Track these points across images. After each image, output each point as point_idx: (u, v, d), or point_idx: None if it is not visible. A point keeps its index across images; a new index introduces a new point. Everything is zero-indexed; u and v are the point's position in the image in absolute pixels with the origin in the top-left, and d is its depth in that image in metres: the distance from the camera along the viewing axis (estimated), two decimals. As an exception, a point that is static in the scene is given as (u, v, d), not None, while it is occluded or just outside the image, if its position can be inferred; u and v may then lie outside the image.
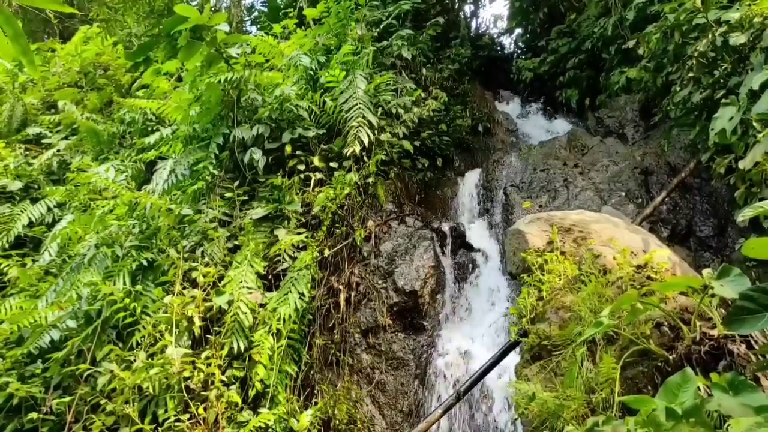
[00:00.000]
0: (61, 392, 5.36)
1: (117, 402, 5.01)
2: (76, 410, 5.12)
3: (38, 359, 5.64)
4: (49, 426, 5.16)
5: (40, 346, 5.62)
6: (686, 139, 6.78)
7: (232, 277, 5.70)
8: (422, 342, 5.82)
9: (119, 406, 4.99)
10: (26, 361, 5.62)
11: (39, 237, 7.70)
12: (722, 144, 4.71)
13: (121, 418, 5.04)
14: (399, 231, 6.60)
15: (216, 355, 5.23)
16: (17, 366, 5.53)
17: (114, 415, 5.03)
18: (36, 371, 5.48)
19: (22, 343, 5.69)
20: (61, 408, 5.17)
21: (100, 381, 5.10)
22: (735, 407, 1.98)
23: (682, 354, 2.73)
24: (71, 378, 5.37)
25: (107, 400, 5.05)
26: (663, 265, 3.67)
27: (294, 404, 5.36)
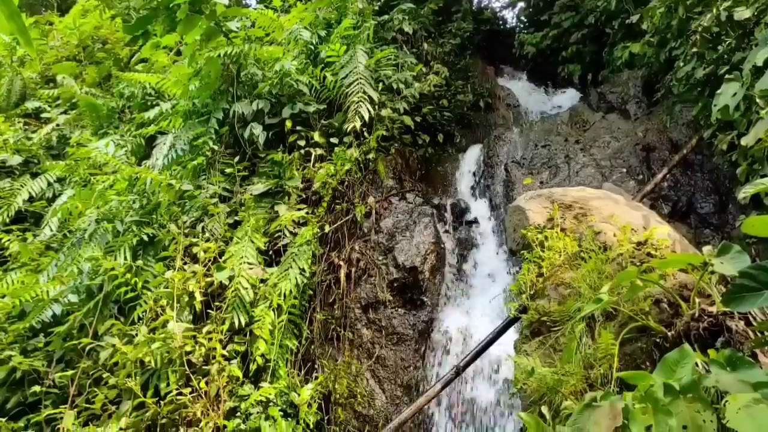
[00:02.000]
0: (64, 366, 5.41)
1: (119, 375, 5.05)
2: (78, 383, 5.17)
3: (40, 333, 5.67)
4: (52, 399, 5.21)
5: (42, 320, 5.66)
6: (689, 116, 6.74)
7: (232, 253, 5.71)
8: (422, 317, 5.84)
9: (121, 379, 5.03)
10: (28, 335, 5.66)
11: (39, 212, 7.70)
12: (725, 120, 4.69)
13: (124, 392, 5.09)
14: (399, 207, 6.59)
15: (217, 330, 5.26)
16: (20, 340, 5.57)
17: (116, 389, 5.08)
18: (38, 345, 5.52)
19: (24, 317, 5.73)
20: (64, 381, 5.22)
21: (102, 355, 5.14)
22: (732, 383, 1.99)
23: (680, 330, 2.75)
24: (73, 352, 5.41)
25: (109, 373, 5.09)
26: (663, 242, 3.67)
27: (295, 378, 5.40)
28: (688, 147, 6.52)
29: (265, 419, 4.90)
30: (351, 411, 5.32)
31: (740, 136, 4.93)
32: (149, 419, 4.89)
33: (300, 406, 5.12)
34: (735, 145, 5.06)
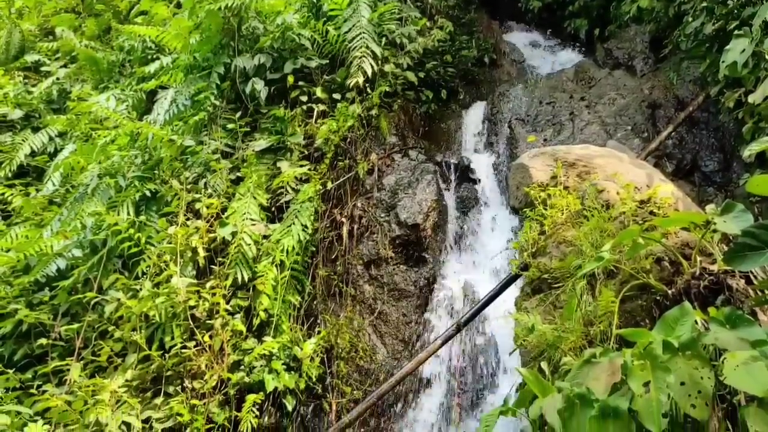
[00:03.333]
0: (69, 319, 5.48)
1: (124, 329, 5.12)
2: (84, 336, 5.25)
3: (45, 287, 5.73)
4: (59, 351, 5.29)
5: (46, 274, 5.70)
6: (696, 72, 6.65)
7: (235, 209, 5.72)
8: (424, 274, 5.88)
9: (127, 333, 5.10)
10: (34, 289, 5.71)
11: (41, 166, 7.69)
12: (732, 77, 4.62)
13: (129, 345, 5.16)
14: (402, 164, 6.57)
15: (220, 285, 5.30)
16: (25, 293, 5.62)
17: (121, 342, 5.15)
18: (44, 299, 5.58)
19: (29, 271, 5.77)
20: (70, 334, 5.29)
21: (107, 309, 5.20)
22: (731, 341, 2.01)
23: (681, 288, 2.76)
24: (78, 306, 5.47)
25: (114, 327, 5.16)
26: (666, 200, 3.66)
27: (297, 333, 5.47)
28: (695, 104, 6.44)
29: (268, 372, 4.98)
30: (353, 365, 5.40)
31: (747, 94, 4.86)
32: (154, 372, 4.98)
33: (303, 360, 5.20)
34: (742, 103, 5.01)
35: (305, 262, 5.87)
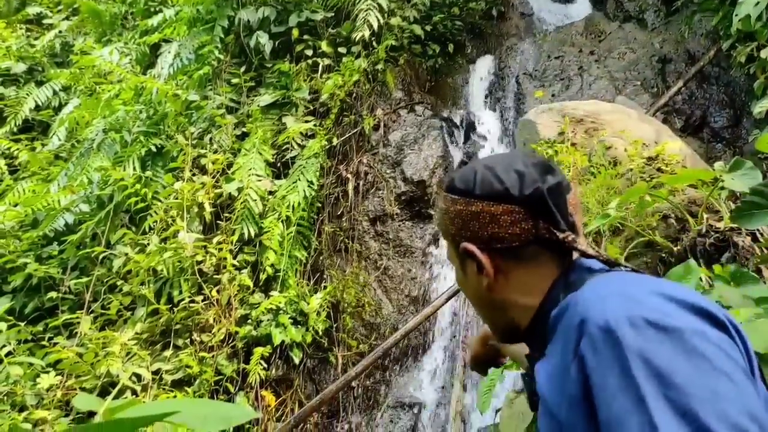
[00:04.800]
0: (78, 273, 5.54)
1: (133, 283, 5.18)
2: (93, 290, 5.31)
3: (54, 241, 5.78)
4: (69, 305, 5.37)
5: (54, 228, 5.75)
6: (708, 26, 6.51)
7: (241, 165, 5.71)
8: (429, 230, 5.89)
9: (135, 287, 5.16)
10: (42, 243, 5.77)
11: (46, 121, 7.67)
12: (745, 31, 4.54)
13: (138, 298, 5.23)
14: (408, 120, 6.51)
15: (227, 241, 5.34)
16: (34, 248, 5.68)
17: (130, 296, 5.22)
18: (52, 253, 5.64)
19: (37, 225, 5.82)
20: (79, 288, 5.36)
21: (115, 263, 5.26)
22: (736, 298, 2.02)
23: (686, 246, 2.77)
24: (87, 260, 5.53)
25: (123, 281, 5.23)
26: (674, 157, 3.64)
27: (304, 288, 5.53)
28: (706, 59, 6.33)
29: (275, 326, 5.06)
30: (359, 319, 5.47)
31: (760, 48, 4.78)
32: (163, 325, 5.06)
33: (309, 314, 5.26)
34: (754, 58, 4.92)
35: (311, 218, 5.89)
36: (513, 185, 1.08)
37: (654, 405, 0.76)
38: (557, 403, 0.93)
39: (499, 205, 1.09)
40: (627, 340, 0.81)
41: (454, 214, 1.15)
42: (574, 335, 0.89)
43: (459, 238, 1.15)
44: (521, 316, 1.15)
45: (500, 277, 1.13)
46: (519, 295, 1.13)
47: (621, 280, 0.99)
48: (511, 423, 2.40)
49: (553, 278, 1.11)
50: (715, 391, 0.76)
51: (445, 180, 1.20)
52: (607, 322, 0.84)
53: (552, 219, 1.08)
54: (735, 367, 0.79)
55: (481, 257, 1.11)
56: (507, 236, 1.09)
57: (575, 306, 0.94)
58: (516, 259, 1.11)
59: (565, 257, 1.12)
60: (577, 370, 0.87)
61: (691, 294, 0.90)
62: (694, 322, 0.83)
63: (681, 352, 0.79)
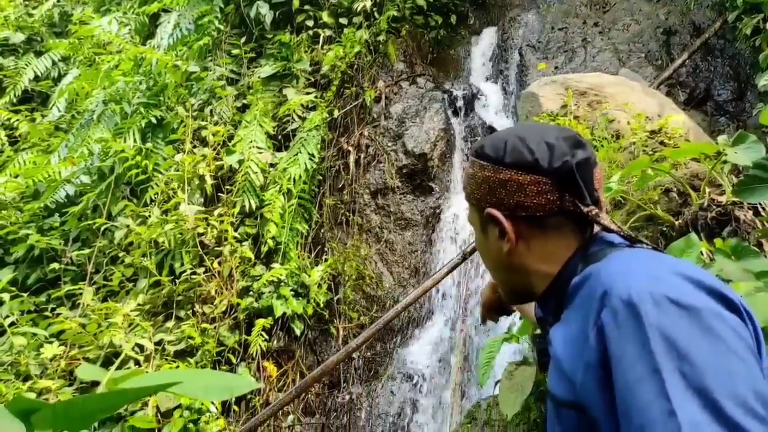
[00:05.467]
0: (80, 245, 5.56)
1: (135, 255, 5.20)
2: (95, 262, 5.34)
3: (55, 213, 5.79)
4: (71, 276, 5.40)
5: (55, 200, 5.75)
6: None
7: (241, 137, 5.69)
8: (430, 204, 5.89)
9: (137, 258, 5.18)
10: (44, 215, 5.77)
11: (46, 91, 7.62)
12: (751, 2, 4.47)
13: (140, 270, 5.26)
14: (410, 92, 6.47)
15: (228, 213, 5.34)
16: (35, 219, 5.69)
17: (132, 267, 5.25)
18: (54, 224, 5.65)
19: (38, 197, 5.82)
20: (81, 260, 5.39)
21: (117, 235, 5.27)
22: (736, 272, 2.03)
23: (688, 219, 2.76)
24: (89, 231, 5.54)
25: (125, 253, 5.25)
26: (677, 130, 3.62)
27: (305, 260, 5.55)
28: (711, 30, 6.26)
29: (276, 298, 5.09)
30: (360, 291, 5.50)
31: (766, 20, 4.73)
32: (165, 296, 5.09)
33: (310, 287, 5.29)
34: (760, 30, 4.87)
35: (312, 190, 5.89)
36: (543, 157, 1.11)
37: (668, 377, 0.80)
38: (573, 366, 0.97)
39: (528, 175, 1.12)
40: (648, 316, 0.85)
41: (481, 179, 1.18)
42: (596, 305, 0.93)
43: (484, 203, 1.19)
44: (538, 282, 1.19)
45: (521, 244, 1.17)
46: (538, 262, 1.17)
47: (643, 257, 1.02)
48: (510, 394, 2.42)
49: (573, 249, 1.15)
50: (728, 370, 0.79)
51: (475, 145, 1.23)
52: (630, 296, 0.88)
53: (578, 193, 1.11)
54: (746, 349, 0.83)
55: (505, 223, 1.15)
56: (532, 205, 1.12)
57: (598, 277, 0.98)
58: (538, 228, 1.15)
59: (586, 230, 1.16)
60: (596, 338, 0.91)
61: (708, 276, 0.94)
62: (712, 304, 0.87)
63: (698, 330, 0.83)
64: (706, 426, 0.75)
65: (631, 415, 0.82)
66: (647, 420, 0.80)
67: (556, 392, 1.03)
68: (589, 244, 1.14)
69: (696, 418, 0.76)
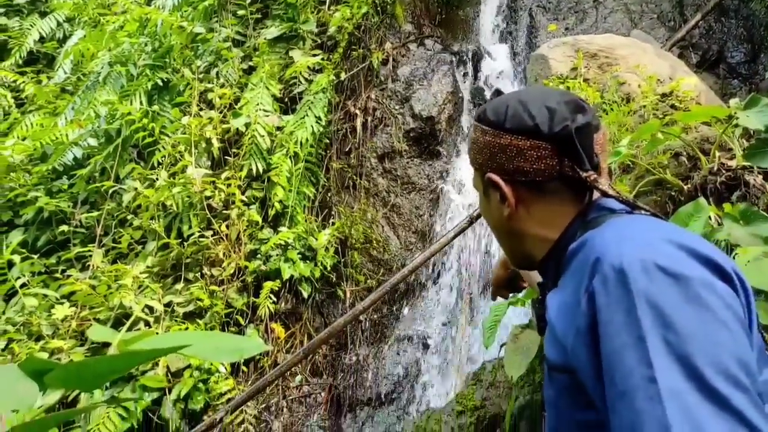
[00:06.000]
0: (89, 207, 5.59)
1: (143, 218, 5.23)
2: (104, 224, 5.37)
3: (63, 176, 5.80)
4: (80, 238, 5.44)
5: (63, 163, 5.76)
6: (730, -43, 6.28)
7: (248, 99, 5.65)
8: (437, 168, 5.87)
9: (145, 221, 5.21)
10: (52, 177, 5.79)
11: (51, 53, 7.57)
12: (770, -38, 4.36)
13: (148, 233, 5.29)
14: (417, 54, 6.39)
15: (235, 176, 5.34)
16: (44, 182, 5.71)
17: (141, 230, 5.28)
18: (62, 187, 5.67)
19: (46, 159, 5.83)
20: (90, 222, 5.42)
21: (125, 198, 5.29)
22: (744, 236, 2.02)
23: (697, 184, 2.74)
24: (97, 194, 5.57)
25: (133, 215, 5.27)
26: (689, 93, 3.57)
27: (312, 224, 5.56)
28: (726, -8, 6.12)
29: (284, 261, 5.12)
30: (366, 255, 5.53)
31: (784, -19, 4.62)
32: (174, 259, 5.13)
33: (317, 250, 5.32)
34: (777, -10, 4.76)
35: (319, 154, 5.87)
36: (543, 122, 1.10)
37: (652, 345, 0.81)
38: (565, 331, 0.98)
39: (527, 140, 1.12)
40: (637, 283, 0.85)
41: (482, 144, 1.19)
42: (588, 272, 0.94)
43: (485, 168, 1.20)
44: (538, 247, 1.20)
45: (521, 209, 1.18)
46: (538, 227, 1.18)
47: (639, 223, 1.03)
48: (515, 357, 2.45)
49: (572, 215, 1.15)
50: (712, 340, 0.80)
51: (478, 110, 1.23)
52: (621, 263, 0.88)
53: (577, 158, 1.10)
54: (734, 319, 0.83)
55: (505, 188, 1.16)
56: (531, 171, 1.12)
57: (593, 244, 0.98)
58: (538, 193, 1.16)
59: (585, 195, 1.16)
60: (586, 304, 0.92)
61: (703, 244, 0.94)
62: (703, 273, 0.87)
63: (686, 299, 0.83)
64: (686, 394, 0.76)
65: (615, 380, 0.83)
66: (629, 386, 0.81)
67: (550, 356, 1.05)
68: (588, 210, 1.14)
69: (677, 386, 0.77)
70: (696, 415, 0.75)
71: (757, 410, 0.76)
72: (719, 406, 0.75)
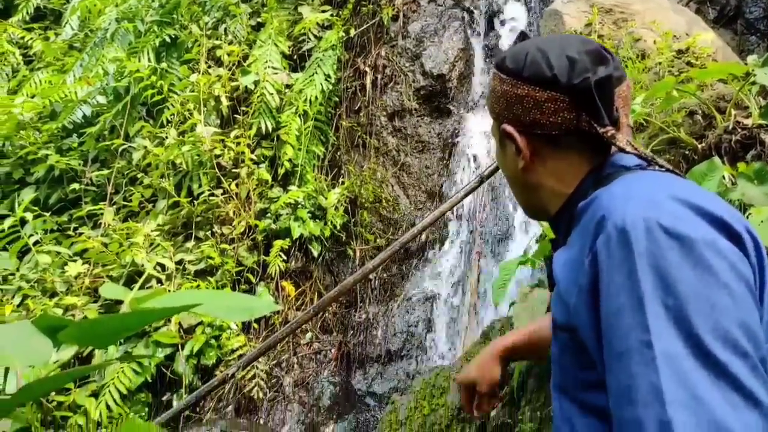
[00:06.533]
0: (99, 165, 5.60)
1: (153, 176, 5.24)
2: (115, 182, 5.39)
3: (73, 133, 5.80)
4: (92, 196, 5.47)
5: (73, 120, 5.75)
6: None
7: (256, 57, 5.59)
8: (448, 126, 5.82)
9: (155, 180, 5.22)
10: (62, 135, 5.79)
11: (58, 9, 7.49)
12: None
13: (159, 191, 5.31)
14: (428, 10, 6.27)
15: (245, 135, 5.32)
16: (54, 140, 5.71)
17: (151, 188, 5.30)
18: (72, 145, 5.67)
19: (56, 117, 5.82)
20: (101, 180, 5.44)
21: (135, 156, 5.29)
22: (758, 196, 2.00)
23: (711, 143, 2.71)
24: (107, 152, 5.57)
25: (143, 174, 5.28)
26: (705, 50, 3.50)
27: (322, 183, 5.56)
28: (747, -55, 5.94)
29: (294, 220, 5.13)
30: (376, 214, 5.53)
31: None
32: (184, 217, 5.16)
33: (327, 209, 5.32)
34: (800, -57, 4.61)
35: (328, 112, 5.83)
36: (562, 73, 1.06)
37: (650, 308, 0.80)
38: (568, 290, 0.97)
39: (545, 92, 1.08)
40: (639, 244, 0.84)
41: (500, 93, 1.16)
42: (593, 230, 0.92)
43: (501, 118, 1.16)
44: (551, 202, 1.18)
45: (536, 161, 1.15)
46: (552, 180, 1.15)
47: (649, 180, 1.00)
48: (524, 315, 2.46)
49: (586, 170, 1.12)
50: (714, 304, 0.78)
51: (497, 56, 1.20)
52: (624, 223, 0.87)
53: (595, 112, 1.06)
54: (738, 282, 0.81)
55: (520, 141, 1.13)
56: (548, 124, 1.09)
57: (600, 201, 0.96)
58: (554, 147, 1.13)
59: (602, 151, 1.12)
60: (589, 264, 0.91)
61: (713, 202, 0.91)
62: (709, 233, 0.84)
63: (688, 261, 0.81)
64: (682, 358, 0.75)
65: (613, 342, 0.83)
66: (626, 348, 0.80)
67: (554, 314, 1.05)
68: (603, 166, 1.11)
69: (672, 350, 0.76)
70: (691, 380, 0.74)
71: (756, 377, 0.75)
72: (715, 373, 0.74)
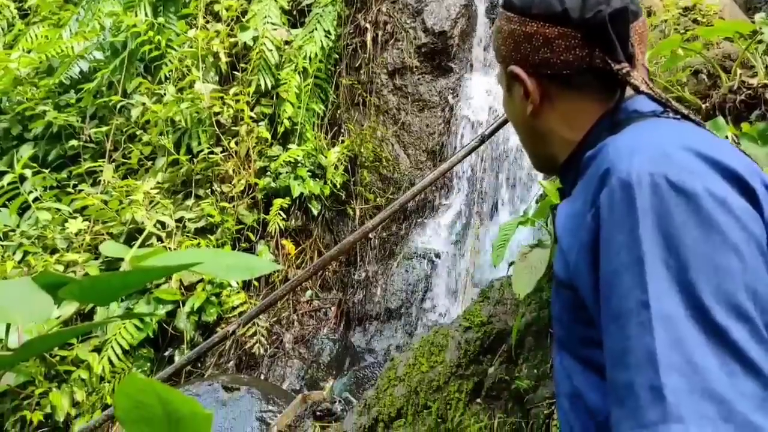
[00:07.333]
0: (98, 122, 5.55)
1: (152, 133, 5.20)
2: (113, 139, 5.36)
3: (70, 89, 5.73)
4: (90, 153, 5.44)
5: (70, 76, 5.68)
6: None
7: (255, 12, 5.49)
8: (449, 85, 5.76)
9: (154, 137, 5.19)
10: (59, 91, 5.72)
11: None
12: None
13: (158, 148, 5.28)
14: (431, -36, 6.14)
15: (244, 92, 5.27)
16: (51, 95, 5.65)
17: (150, 146, 5.27)
18: (70, 101, 5.61)
19: (53, 73, 5.75)
20: (99, 137, 5.40)
21: (133, 113, 5.25)
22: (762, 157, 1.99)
23: (716, 103, 2.68)
24: (105, 109, 5.52)
25: (142, 131, 5.25)
26: (712, 7, 3.43)
27: (322, 141, 5.53)
28: None
29: (294, 179, 5.12)
30: (376, 173, 5.52)
31: None
32: (184, 175, 5.15)
33: (327, 168, 5.31)
34: None
35: (328, 70, 5.76)
36: (573, 7, 1.00)
37: (650, 268, 0.76)
38: (570, 245, 0.93)
39: (555, 28, 1.02)
40: (642, 200, 0.79)
41: (507, 33, 1.09)
42: (597, 183, 0.88)
43: (509, 60, 1.10)
44: (560, 150, 1.11)
45: (546, 105, 1.08)
46: (562, 126, 1.09)
47: (661, 129, 0.95)
48: (523, 275, 2.48)
49: (598, 115, 1.05)
50: (719, 266, 0.74)
51: None
52: (629, 177, 0.82)
53: (610, 48, 1.00)
54: (747, 242, 0.76)
55: (528, 82, 1.07)
56: (559, 63, 1.03)
57: (607, 152, 0.91)
58: (565, 88, 1.06)
59: (617, 93, 1.04)
60: (591, 218, 0.87)
61: (729, 154, 0.86)
62: (718, 188, 0.79)
63: (694, 219, 0.77)
64: (679, 321, 0.72)
65: (611, 302, 0.80)
66: (623, 309, 0.77)
67: (556, 270, 1.00)
68: (615, 111, 1.04)
69: (670, 312, 0.73)
70: (687, 345, 0.71)
71: (757, 343, 0.71)
72: (714, 338, 0.71)
